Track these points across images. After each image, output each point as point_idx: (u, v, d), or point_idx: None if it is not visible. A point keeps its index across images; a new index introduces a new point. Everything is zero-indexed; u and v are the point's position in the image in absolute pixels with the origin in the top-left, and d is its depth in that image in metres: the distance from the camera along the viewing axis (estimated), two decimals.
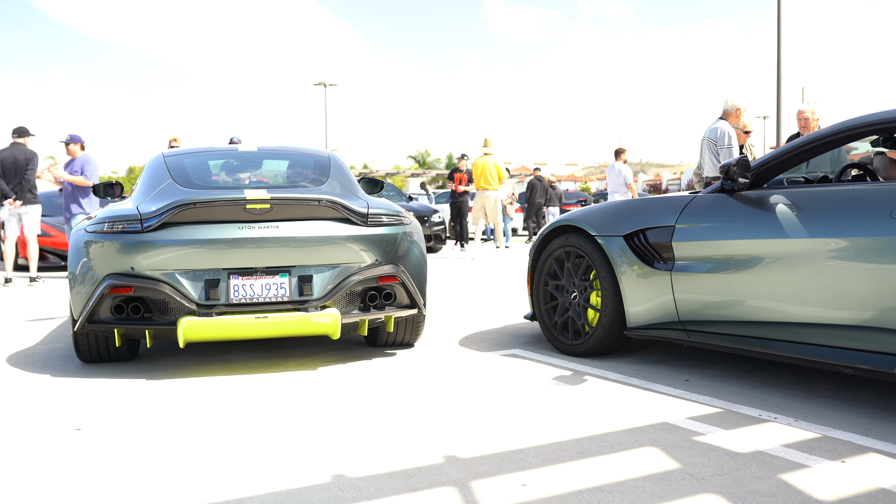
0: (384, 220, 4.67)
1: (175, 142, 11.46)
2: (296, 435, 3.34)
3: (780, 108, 21.30)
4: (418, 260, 4.83)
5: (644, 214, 4.47)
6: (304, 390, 4.11)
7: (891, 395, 3.82)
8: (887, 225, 3.35)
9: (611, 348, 4.75)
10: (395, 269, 4.61)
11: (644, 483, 2.72)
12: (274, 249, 4.36)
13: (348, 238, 4.49)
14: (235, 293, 4.33)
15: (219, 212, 4.34)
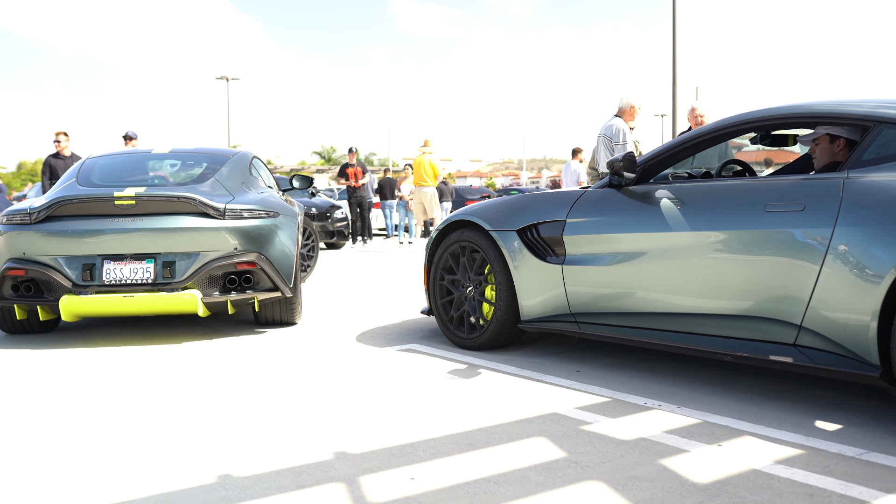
0: (244, 215, 5.40)
1: (61, 136, 10.98)
2: (181, 429, 3.26)
3: (675, 106, 21.92)
4: (283, 249, 5.56)
5: (536, 209, 4.55)
6: (192, 378, 4.03)
7: (768, 381, 3.99)
8: (762, 218, 3.50)
9: (505, 341, 4.82)
10: (254, 257, 5.35)
11: (530, 472, 2.77)
12: (140, 239, 5.17)
13: (206, 229, 5.24)
14: (107, 276, 5.15)
15: (92, 207, 5.22)
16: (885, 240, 3.07)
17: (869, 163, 3.32)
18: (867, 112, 3.45)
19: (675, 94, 22.28)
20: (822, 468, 2.77)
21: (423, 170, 13.85)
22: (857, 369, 3.20)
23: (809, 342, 3.37)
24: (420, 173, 13.90)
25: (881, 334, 3.11)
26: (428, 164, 13.85)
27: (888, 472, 2.73)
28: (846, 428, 3.24)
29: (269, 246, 5.45)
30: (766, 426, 3.27)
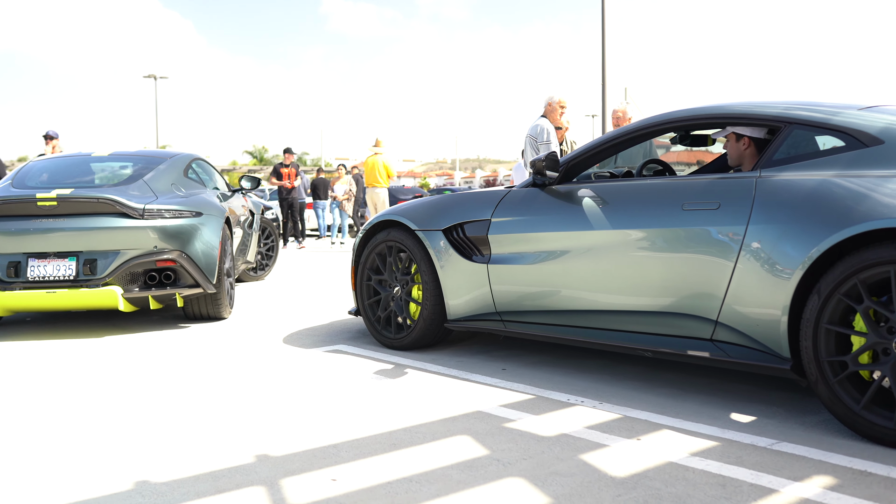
0: (164, 215, 5.69)
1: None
2: (93, 431, 3.19)
3: (605, 107, 22.28)
4: (205, 247, 5.85)
5: (462, 209, 4.57)
6: (107, 375, 3.94)
7: (688, 376, 4.08)
8: (680, 216, 3.58)
9: (433, 341, 4.83)
10: (175, 255, 5.65)
11: (452, 471, 2.78)
12: (62, 238, 5.44)
13: (126, 229, 5.52)
14: (32, 273, 5.44)
15: (17, 208, 5.49)
16: (795, 237, 3.17)
17: (780, 162, 3.43)
18: (779, 113, 3.56)
19: (605, 95, 22.66)
20: (735, 459, 2.85)
21: (377, 171, 13.79)
22: (770, 362, 3.30)
23: (725, 337, 3.46)
24: (373, 174, 13.83)
25: (791, 328, 3.21)
26: (382, 165, 13.81)
27: (797, 460, 2.82)
28: (760, 419, 3.33)
29: (191, 244, 5.75)
30: (683, 419, 3.35)
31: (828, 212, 3.10)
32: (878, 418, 2.96)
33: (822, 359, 3.08)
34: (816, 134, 3.49)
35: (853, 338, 3.07)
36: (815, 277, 3.16)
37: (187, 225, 5.77)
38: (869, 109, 3.43)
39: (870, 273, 2.95)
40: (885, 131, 3.22)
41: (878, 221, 2.91)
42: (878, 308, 2.96)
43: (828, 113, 3.43)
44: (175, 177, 6.46)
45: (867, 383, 3.05)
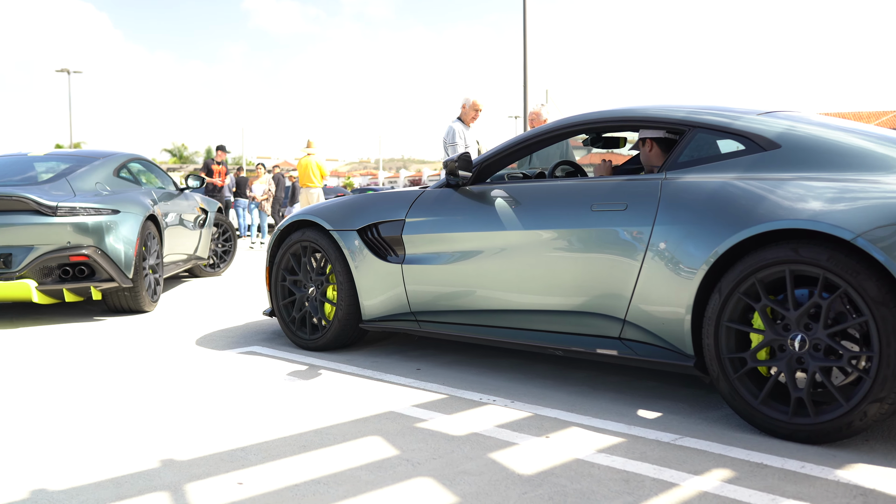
0: (79, 212, 5.97)
1: None
2: None
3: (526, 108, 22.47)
4: (121, 243, 6.13)
5: (376, 209, 4.56)
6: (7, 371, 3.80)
7: (599, 373, 4.16)
8: (589, 217, 3.64)
9: (348, 342, 4.81)
10: (88, 250, 5.96)
11: (361, 472, 2.77)
12: None
13: (40, 225, 5.81)
14: None
15: None
16: (698, 237, 3.26)
17: (685, 164, 3.52)
18: (683, 116, 3.66)
19: (526, 97, 22.91)
20: (640, 454, 2.92)
21: (311, 171, 13.89)
22: (675, 360, 3.39)
23: (633, 335, 3.53)
24: (307, 174, 13.93)
25: (695, 326, 3.31)
26: (315, 166, 13.92)
27: (698, 455, 2.90)
28: (665, 415, 3.42)
29: (106, 240, 6.04)
30: (592, 417, 3.41)
31: (728, 213, 3.20)
32: (774, 412, 3.06)
33: (723, 355, 3.18)
34: (719, 137, 3.60)
35: (752, 335, 3.18)
36: (716, 277, 3.25)
37: (103, 222, 6.06)
38: (768, 115, 3.55)
39: (767, 272, 3.05)
40: (782, 136, 3.34)
41: (775, 223, 3.02)
42: (775, 306, 3.06)
43: (730, 117, 3.53)
44: (102, 176, 6.79)
45: (765, 379, 3.16)
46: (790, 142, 3.32)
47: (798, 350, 3.00)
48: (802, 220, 2.96)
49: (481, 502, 2.50)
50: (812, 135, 3.32)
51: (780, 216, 3.03)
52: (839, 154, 3.21)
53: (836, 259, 2.88)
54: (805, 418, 2.99)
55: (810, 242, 2.97)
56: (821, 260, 2.91)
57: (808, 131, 3.35)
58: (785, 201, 3.07)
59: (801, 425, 2.99)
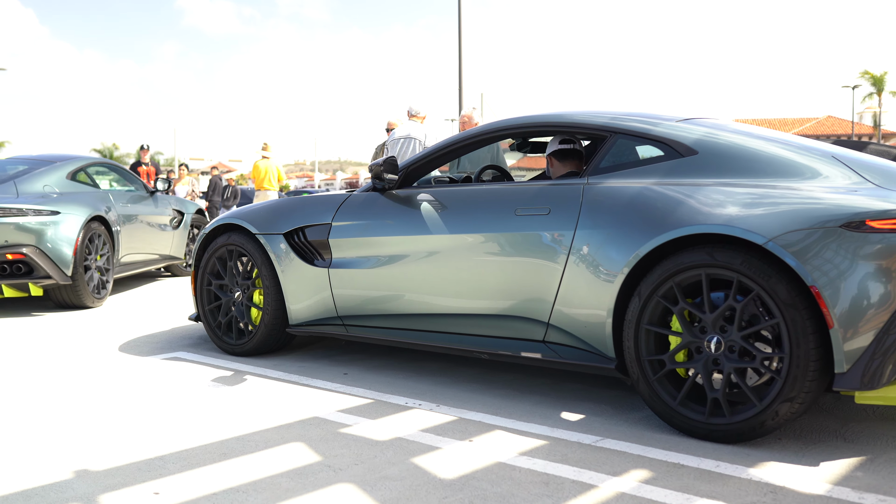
0: (17, 213, 6.38)
1: None
2: None
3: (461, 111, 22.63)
4: (59, 242, 6.52)
5: (303, 212, 4.52)
6: None
7: (525, 377, 4.19)
8: (513, 221, 3.67)
9: (275, 346, 4.76)
10: (26, 249, 6.36)
11: (281, 479, 2.75)
12: None
13: None
14: None
15: None
16: (619, 241, 3.32)
17: (606, 170, 3.58)
18: (605, 122, 3.71)
19: (461, 100, 23.01)
20: (561, 457, 2.95)
21: (269, 175, 13.95)
22: (596, 362, 3.44)
23: (556, 338, 3.57)
24: (262, 178, 13.99)
25: (616, 329, 3.36)
26: (274, 168, 14.00)
27: (618, 456, 2.95)
28: (588, 417, 3.46)
29: (44, 239, 6.45)
30: (516, 420, 3.43)
31: (647, 218, 3.26)
32: (691, 413, 3.13)
33: (643, 358, 3.24)
34: (639, 143, 3.66)
35: (670, 337, 3.24)
36: (636, 280, 3.31)
37: (42, 222, 6.51)
38: (686, 121, 3.62)
39: (684, 276, 3.12)
40: (699, 142, 3.42)
41: (691, 227, 3.09)
42: (692, 309, 3.13)
43: (649, 123, 3.60)
44: (53, 179, 7.19)
45: (683, 380, 3.23)
46: (707, 148, 3.40)
47: (714, 352, 3.07)
48: (717, 225, 3.03)
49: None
50: (728, 142, 3.41)
51: (697, 221, 3.10)
52: (754, 161, 3.30)
53: (749, 263, 2.96)
54: (721, 418, 3.07)
55: (725, 247, 3.04)
56: (735, 264, 2.98)
57: (724, 138, 3.43)
58: (701, 206, 3.15)
59: (717, 425, 3.07)
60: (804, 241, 2.88)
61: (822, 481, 2.68)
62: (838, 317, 2.81)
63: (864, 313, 2.82)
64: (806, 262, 2.85)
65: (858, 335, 2.82)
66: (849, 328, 2.81)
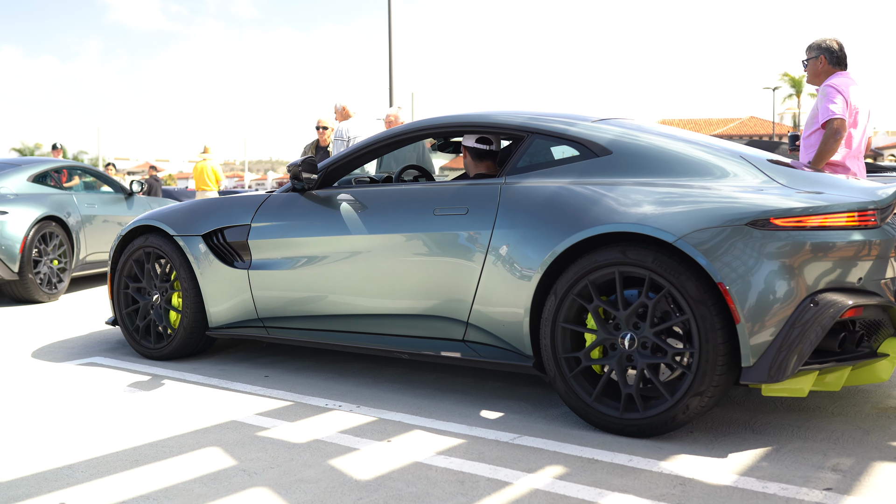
0: None
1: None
2: None
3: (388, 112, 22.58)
4: (5, 240, 6.97)
5: (222, 214, 4.46)
6: None
7: (447, 376, 4.21)
8: (432, 221, 3.68)
9: (195, 350, 4.68)
10: None
11: (194, 484, 2.70)
12: None
13: None
14: None
15: None
16: (535, 241, 3.35)
17: (523, 170, 3.61)
18: (522, 123, 3.75)
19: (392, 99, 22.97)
20: (478, 455, 2.97)
21: (206, 175, 14.05)
22: (515, 360, 3.47)
23: (476, 337, 3.59)
24: (203, 178, 14.09)
25: (533, 327, 3.39)
26: (210, 170, 14.07)
27: (534, 453, 2.98)
28: (507, 415, 3.49)
29: None
30: (436, 419, 3.44)
31: (562, 217, 3.30)
32: (606, 409, 3.18)
33: (559, 355, 3.28)
34: (555, 144, 3.71)
35: (586, 335, 3.29)
36: (552, 279, 3.35)
37: None
38: (602, 122, 3.68)
39: (599, 274, 3.17)
40: (613, 142, 3.48)
41: (604, 226, 3.14)
42: (607, 307, 3.19)
43: (566, 124, 3.65)
44: (14, 182, 7.62)
45: (599, 377, 3.28)
46: (621, 148, 3.46)
47: (628, 348, 3.13)
48: (629, 224, 3.09)
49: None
50: (642, 142, 3.47)
51: (610, 220, 3.16)
52: (666, 161, 3.37)
53: (660, 261, 3.02)
54: (635, 413, 3.13)
55: (637, 245, 3.10)
56: (646, 262, 3.04)
57: (638, 138, 3.50)
58: (614, 206, 3.20)
59: (631, 420, 3.13)
60: (712, 239, 2.96)
61: (729, 472, 2.76)
62: (745, 312, 2.89)
63: (769, 308, 2.91)
64: (714, 259, 2.93)
65: (764, 330, 2.90)
66: (755, 323, 2.90)
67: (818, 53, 4.72)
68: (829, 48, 4.69)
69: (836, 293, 2.98)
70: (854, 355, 3.07)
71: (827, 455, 2.92)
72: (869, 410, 3.48)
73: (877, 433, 3.17)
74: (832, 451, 2.97)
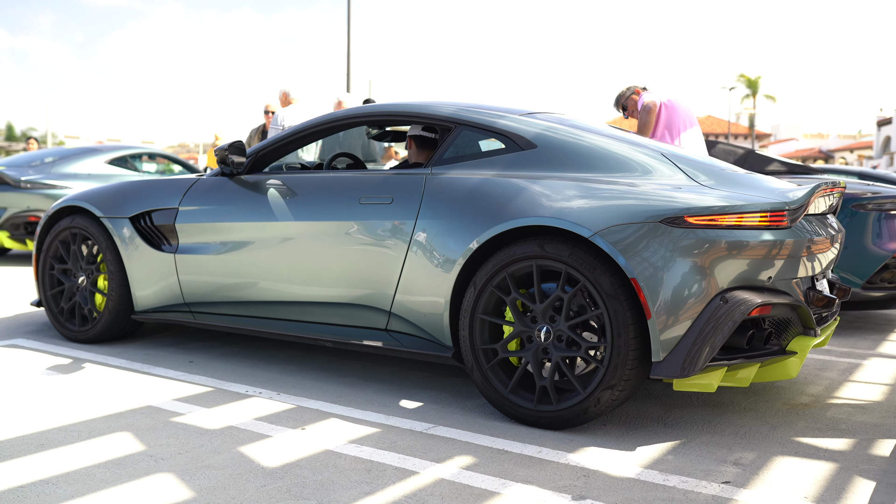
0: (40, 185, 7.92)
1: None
2: None
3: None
4: None
5: (150, 196, 4.40)
6: None
7: (373, 364, 4.21)
8: (357, 210, 3.67)
9: (120, 333, 4.62)
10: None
11: (97, 470, 2.67)
12: None
13: (8, 193, 8.31)
14: None
15: None
16: (457, 232, 3.36)
17: (449, 161, 3.62)
18: (451, 114, 3.75)
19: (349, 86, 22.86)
20: (389, 444, 2.98)
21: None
22: (435, 350, 3.48)
23: (398, 327, 3.60)
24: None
25: (453, 318, 3.41)
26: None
27: (446, 443, 3.00)
28: (426, 405, 3.51)
29: None
30: (354, 408, 3.44)
31: (484, 209, 3.32)
32: (521, 400, 3.21)
33: (477, 347, 3.30)
34: (482, 136, 3.72)
35: (504, 327, 3.31)
36: (473, 271, 3.37)
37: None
38: (530, 115, 3.70)
39: (517, 267, 3.19)
40: (538, 136, 3.50)
41: (522, 219, 3.16)
42: (524, 300, 3.21)
43: (493, 116, 3.66)
44: (92, 164, 8.81)
45: (516, 369, 3.30)
46: (546, 142, 3.48)
47: (544, 341, 3.16)
48: (547, 218, 3.12)
49: (216, 496, 2.47)
50: (566, 137, 3.49)
51: (529, 213, 3.18)
52: (590, 156, 3.40)
53: (576, 255, 3.05)
54: (548, 406, 3.16)
55: (555, 239, 3.13)
56: (563, 256, 3.07)
57: (563, 133, 3.52)
58: (535, 199, 3.22)
59: (544, 412, 3.16)
60: (627, 234, 2.99)
61: (634, 465, 2.80)
62: (656, 308, 2.93)
63: (680, 305, 2.95)
64: (628, 255, 2.96)
65: (674, 325, 2.95)
66: (666, 319, 2.94)
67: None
68: None
69: (746, 291, 3.04)
70: (763, 353, 3.14)
71: (732, 449, 2.98)
72: (780, 406, 3.55)
73: (783, 429, 3.24)
74: (737, 445, 3.03)
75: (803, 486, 2.63)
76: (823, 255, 3.37)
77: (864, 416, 3.44)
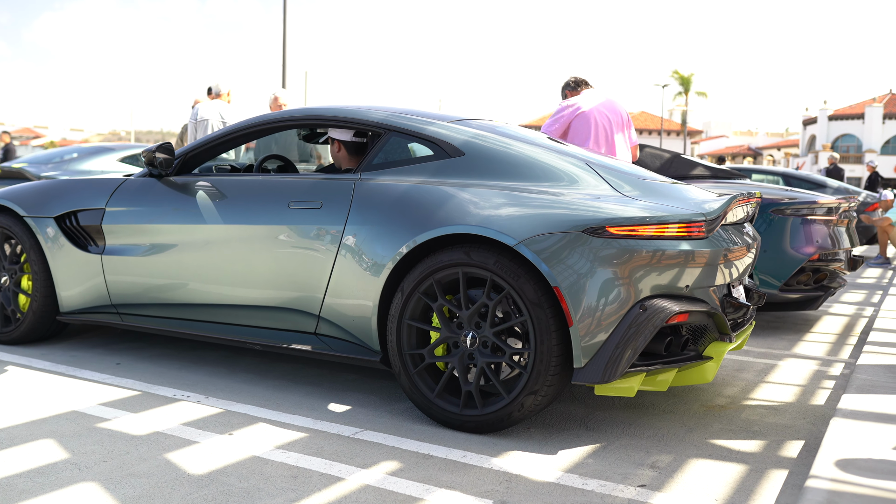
0: None
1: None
2: None
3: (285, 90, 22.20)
4: None
5: (76, 196, 4.33)
6: None
7: (303, 367, 4.23)
8: (286, 214, 3.69)
9: (45, 334, 4.55)
10: None
11: (18, 479, 2.65)
12: None
13: None
14: None
15: None
16: (385, 238, 3.40)
17: (378, 167, 3.65)
18: (380, 119, 3.78)
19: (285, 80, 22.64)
20: (316, 449, 3.01)
21: None
22: (363, 355, 3.52)
23: (327, 331, 3.63)
24: None
25: (381, 323, 3.45)
26: None
27: (373, 448, 3.05)
28: (354, 409, 3.55)
29: None
30: (283, 412, 3.46)
31: (412, 216, 3.37)
32: (447, 405, 3.27)
33: (405, 351, 3.35)
34: (411, 142, 3.77)
35: (431, 332, 3.37)
36: (401, 276, 3.42)
37: None
38: (459, 122, 3.75)
39: (444, 274, 3.25)
40: (466, 144, 3.56)
41: (449, 227, 3.22)
42: (451, 306, 3.27)
43: (422, 122, 3.70)
44: (104, 162, 9.25)
45: (442, 373, 3.36)
46: (474, 150, 3.54)
47: (469, 347, 3.23)
48: (473, 226, 3.18)
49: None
50: (495, 145, 3.56)
51: (456, 221, 3.24)
52: (517, 165, 3.47)
53: (501, 263, 3.12)
54: (474, 410, 3.23)
55: (481, 247, 3.19)
56: (488, 263, 3.14)
57: (492, 141, 3.58)
58: (461, 207, 3.28)
59: (469, 417, 3.22)
60: (551, 244, 3.07)
61: (555, 469, 2.89)
62: (578, 316, 3.02)
63: (601, 312, 3.04)
64: (551, 263, 3.04)
65: (595, 333, 3.04)
66: (587, 326, 3.03)
67: None
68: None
69: (664, 299, 3.15)
70: (680, 358, 3.25)
71: (649, 452, 3.09)
72: (697, 409, 3.69)
73: (699, 431, 3.37)
74: (655, 448, 3.14)
75: (715, 489, 2.75)
76: (740, 263, 3.50)
77: (776, 418, 3.59)
